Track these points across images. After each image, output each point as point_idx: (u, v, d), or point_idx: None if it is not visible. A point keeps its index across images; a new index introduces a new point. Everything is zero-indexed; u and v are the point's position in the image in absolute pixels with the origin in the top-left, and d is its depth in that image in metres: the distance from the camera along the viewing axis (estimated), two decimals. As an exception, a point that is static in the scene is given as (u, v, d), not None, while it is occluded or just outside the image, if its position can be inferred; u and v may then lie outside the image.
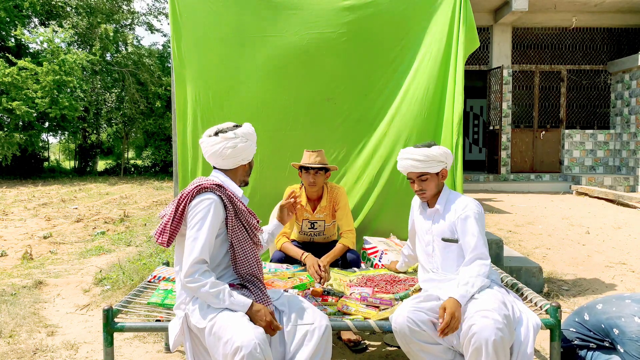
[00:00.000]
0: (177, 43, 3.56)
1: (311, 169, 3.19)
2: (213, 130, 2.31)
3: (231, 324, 2.02)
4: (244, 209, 2.27)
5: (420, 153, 2.42)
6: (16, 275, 4.81)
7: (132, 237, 6.61)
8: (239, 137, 2.27)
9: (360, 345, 3.02)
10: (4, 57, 14.39)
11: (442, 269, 2.48)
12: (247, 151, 2.31)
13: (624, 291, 4.15)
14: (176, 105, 3.61)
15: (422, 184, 2.46)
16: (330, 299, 2.64)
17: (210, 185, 2.20)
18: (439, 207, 2.48)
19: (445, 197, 2.49)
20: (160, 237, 2.19)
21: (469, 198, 2.47)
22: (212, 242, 2.16)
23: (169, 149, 17.67)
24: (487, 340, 2.02)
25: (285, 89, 3.65)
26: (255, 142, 2.39)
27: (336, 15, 3.59)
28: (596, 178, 10.21)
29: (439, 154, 2.42)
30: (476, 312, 2.11)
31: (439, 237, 2.47)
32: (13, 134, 14.20)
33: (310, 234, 3.37)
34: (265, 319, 2.09)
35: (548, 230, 6.33)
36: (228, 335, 1.98)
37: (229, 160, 2.29)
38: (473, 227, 2.36)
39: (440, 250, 2.47)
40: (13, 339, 3.26)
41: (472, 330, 2.06)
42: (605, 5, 10.30)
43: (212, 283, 2.08)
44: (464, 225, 2.38)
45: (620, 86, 10.97)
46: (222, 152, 2.26)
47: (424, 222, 2.56)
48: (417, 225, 2.62)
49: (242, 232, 2.25)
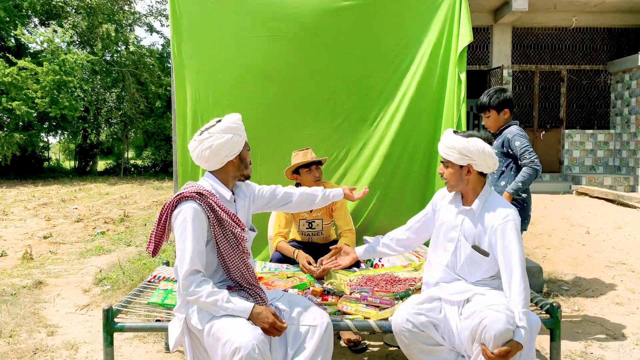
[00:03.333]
0: (177, 43, 3.56)
1: (313, 165, 3.24)
2: (197, 132, 2.26)
3: (229, 325, 2.02)
4: (226, 218, 2.17)
5: (448, 138, 2.31)
6: (16, 275, 4.81)
7: (132, 237, 6.61)
8: (214, 134, 2.18)
9: (360, 345, 3.02)
10: (4, 57, 14.39)
11: (461, 271, 2.36)
12: (227, 146, 2.20)
13: (625, 292, 4.15)
14: (176, 105, 3.61)
15: (443, 169, 2.37)
16: (330, 299, 2.64)
17: (190, 194, 2.15)
18: (475, 208, 2.30)
19: (484, 199, 2.31)
20: (149, 246, 2.21)
21: (509, 206, 2.28)
22: (202, 250, 2.13)
23: (169, 149, 17.67)
24: (499, 332, 1.97)
25: (285, 89, 3.65)
26: (241, 132, 2.26)
27: (336, 15, 3.59)
28: (596, 178, 10.21)
29: (462, 147, 2.24)
30: (487, 307, 2.08)
31: (469, 241, 2.32)
32: (13, 134, 14.20)
33: (308, 233, 3.37)
34: (268, 321, 2.06)
35: (548, 230, 6.32)
36: (226, 337, 1.98)
37: (212, 161, 2.23)
38: (513, 237, 2.18)
39: (467, 254, 2.33)
40: (13, 339, 3.26)
41: (483, 323, 2.02)
42: (605, 5, 10.30)
43: (209, 293, 2.05)
44: (503, 235, 2.19)
45: (620, 86, 10.97)
46: (201, 155, 2.21)
47: (454, 216, 2.38)
48: (442, 218, 2.44)
49: (230, 240, 2.19)
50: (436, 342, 2.24)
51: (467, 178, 2.31)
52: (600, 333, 3.33)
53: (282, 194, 2.57)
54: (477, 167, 2.28)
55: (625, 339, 3.23)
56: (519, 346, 2.00)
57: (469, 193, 2.35)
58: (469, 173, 2.30)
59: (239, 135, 2.25)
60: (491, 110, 3.26)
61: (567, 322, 3.48)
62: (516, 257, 2.15)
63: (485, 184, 2.35)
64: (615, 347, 3.12)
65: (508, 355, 1.98)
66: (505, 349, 1.97)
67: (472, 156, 2.25)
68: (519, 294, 2.10)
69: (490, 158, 2.27)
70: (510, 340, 1.99)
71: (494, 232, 2.22)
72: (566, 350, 3.02)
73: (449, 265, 2.39)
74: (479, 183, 2.33)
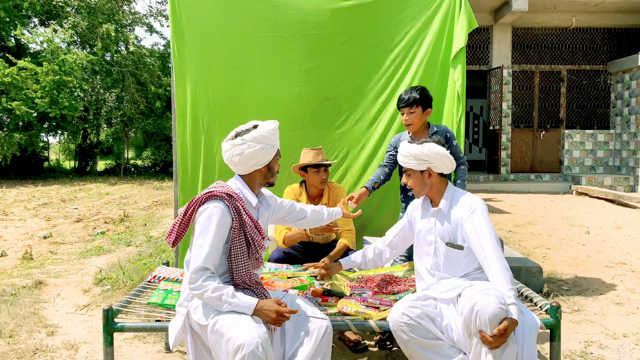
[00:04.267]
0: (177, 43, 3.56)
1: (321, 167, 3.24)
2: (233, 132, 2.29)
3: (234, 322, 2.02)
4: (249, 223, 2.20)
5: (404, 148, 2.45)
6: (16, 275, 4.81)
7: (132, 237, 6.62)
8: (247, 142, 2.21)
9: (360, 345, 3.02)
10: (4, 57, 14.39)
11: (445, 269, 2.43)
12: (257, 156, 2.23)
13: (624, 292, 4.15)
14: (176, 105, 3.61)
15: (406, 178, 2.50)
16: (330, 300, 2.64)
17: (220, 194, 2.17)
18: (443, 207, 2.42)
19: (449, 197, 2.43)
20: (169, 237, 2.23)
21: (472, 197, 2.40)
22: (218, 249, 2.14)
23: (169, 149, 17.68)
24: (493, 314, 1.98)
25: (285, 89, 3.65)
26: (274, 142, 2.29)
27: (336, 15, 3.59)
28: (596, 178, 10.21)
29: (418, 153, 2.38)
30: (477, 292, 2.10)
31: (443, 239, 2.41)
32: (13, 134, 14.20)
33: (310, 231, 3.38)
34: (272, 309, 2.06)
35: (548, 230, 6.32)
36: (230, 334, 1.98)
37: (240, 167, 2.28)
38: (482, 223, 2.28)
39: (443, 252, 2.42)
40: (13, 339, 3.26)
41: (475, 308, 2.03)
42: (605, 5, 10.30)
43: (215, 287, 2.06)
44: (473, 224, 2.29)
45: (620, 86, 10.97)
46: (231, 159, 2.26)
47: (427, 221, 2.51)
48: (418, 226, 2.57)
49: (243, 247, 2.21)
50: (435, 336, 2.24)
51: (430, 181, 2.44)
52: (600, 333, 3.33)
53: (298, 209, 2.67)
54: (436, 168, 2.42)
55: (625, 339, 3.23)
56: (515, 322, 2.03)
57: (435, 195, 2.47)
58: (430, 176, 2.43)
59: (271, 145, 2.28)
60: (418, 107, 3.12)
61: (567, 322, 3.48)
62: (489, 240, 2.24)
63: (447, 184, 2.47)
64: (615, 347, 3.12)
65: (506, 333, 2.00)
66: (501, 327, 1.99)
67: (429, 159, 2.39)
68: (501, 273, 2.16)
69: (447, 158, 2.41)
70: (505, 319, 2.01)
71: (464, 224, 2.33)
72: (566, 350, 3.02)
73: (433, 268, 2.47)
74: (442, 184, 2.46)
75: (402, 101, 3.13)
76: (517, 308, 2.05)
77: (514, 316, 2.03)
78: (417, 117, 3.14)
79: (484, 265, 2.25)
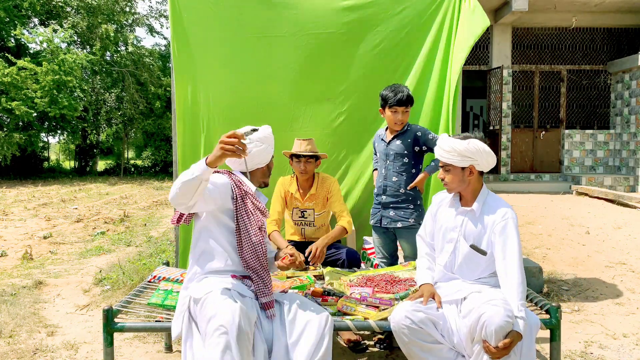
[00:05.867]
0: (177, 43, 3.56)
1: (302, 157, 3.23)
2: None
3: (219, 301, 2.06)
4: (250, 193, 2.29)
5: (447, 142, 2.35)
6: (16, 275, 4.81)
7: (132, 237, 6.62)
8: (253, 142, 2.32)
9: (360, 345, 3.02)
10: (4, 57, 14.38)
11: (458, 270, 2.39)
12: (261, 155, 2.37)
13: (625, 292, 4.15)
14: (176, 105, 3.61)
15: (444, 174, 2.40)
16: (330, 299, 2.64)
17: (222, 171, 2.33)
18: (476, 209, 2.35)
19: (483, 199, 2.36)
20: (173, 216, 2.33)
21: (506, 204, 2.33)
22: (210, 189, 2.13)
23: (169, 149, 17.68)
24: (499, 326, 1.99)
25: (285, 89, 3.65)
26: (273, 145, 2.43)
27: (336, 15, 3.59)
28: (596, 178, 10.21)
29: (463, 149, 2.29)
30: (484, 303, 2.10)
31: (467, 240, 2.35)
32: (13, 134, 14.20)
33: (300, 222, 3.39)
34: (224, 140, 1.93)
35: (548, 230, 6.32)
36: (213, 312, 2.03)
37: (243, 165, 2.34)
38: (512, 233, 2.24)
39: (464, 253, 2.37)
40: (13, 339, 3.26)
41: (482, 319, 2.04)
42: (605, 5, 10.30)
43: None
44: (503, 232, 2.25)
45: (620, 86, 10.97)
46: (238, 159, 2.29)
47: (452, 218, 2.42)
48: (442, 219, 2.47)
49: (248, 217, 2.26)
50: (435, 340, 2.24)
51: (469, 179, 2.37)
52: (600, 333, 3.33)
53: None
54: (479, 166, 2.34)
55: (625, 339, 3.23)
56: (519, 336, 2.03)
57: (469, 194, 2.40)
58: (471, 174, 2.36)
59: (271, 146, 2.43)
60: (409, 107, 3.10)
61: (567, 322, 3.48)
62: (515, 251, 2.23)
63: (483, 185, 2.41)
64: (615, 347, 3.12)
65: (510, 347, 2.01)
66: (507, 340, 2.00)
67: (473, 157, 2.31)
68: (518, 286, 2.16)
69: (490, 156, 2.34)
70: (511, 332, 2.02)
71: (494, 230, 2.28)
72: (566, 350, 3.02)
73: (446, 266, 2.43)
74: (479, 183, 2.39)
75: (399, 100, 3.05)
76: (524, 322, 2.06)
77: (521, 329, 2.03)
78: (408, 117, 3.14)
79: (501, 274, 2.23)
